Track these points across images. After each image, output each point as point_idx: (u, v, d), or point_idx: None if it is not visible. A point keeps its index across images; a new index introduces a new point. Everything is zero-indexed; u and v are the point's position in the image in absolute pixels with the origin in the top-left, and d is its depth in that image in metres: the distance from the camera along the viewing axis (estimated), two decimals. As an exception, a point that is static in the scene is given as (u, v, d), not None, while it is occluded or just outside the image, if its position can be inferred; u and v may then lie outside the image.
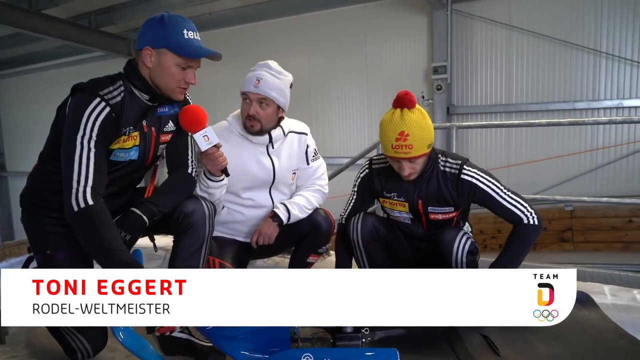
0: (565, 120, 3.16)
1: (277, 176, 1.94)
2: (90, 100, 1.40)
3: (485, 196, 1.78)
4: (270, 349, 1.33)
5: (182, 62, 1.48)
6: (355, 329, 1.39)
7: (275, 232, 1.89)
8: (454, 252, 1.79)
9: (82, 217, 1.36)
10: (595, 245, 5.50)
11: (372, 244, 1.92)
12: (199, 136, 1.60)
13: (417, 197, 1.86)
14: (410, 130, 1.69)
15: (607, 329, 1.56)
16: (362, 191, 1.99)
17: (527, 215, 1.77)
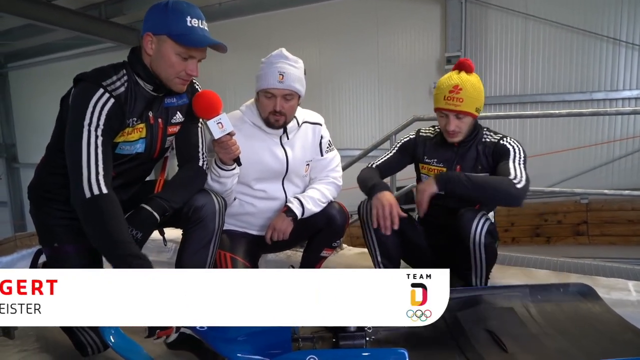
0: (587, 110, 3.07)
1: (290, 167, 1.90)
2: (94, 90, 1.35)
3: (505, 156, 1.83)
4: (270, 351, 1.28)
5: (182, 51, 1.39)
6: (358, 328, 1.35)
7: (290, 227, 1.85)
8: (472, 232, 1.77)
9: (93, 204, 1.31)
10: (612, 238, 5.40)
11: None
12: (213, 123, 1.54)
13: (456, 162, 1.92)
14: (464, 86, 1.82)
15: (612, 321, 1.52)
16: (403, 150, 2.05)
17: (516, 177, 1.75)
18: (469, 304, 1.67)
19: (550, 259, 2.35)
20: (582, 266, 2.22)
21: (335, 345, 1.37)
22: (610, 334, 1.46)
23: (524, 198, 1.76)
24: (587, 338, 1.45)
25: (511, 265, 2.28)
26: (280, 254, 2.53)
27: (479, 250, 1.79)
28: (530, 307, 1.65)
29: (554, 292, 1.71)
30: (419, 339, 1.52)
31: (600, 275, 2.07)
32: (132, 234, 1.39)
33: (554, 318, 1.58)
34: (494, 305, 1.67)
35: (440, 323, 1.59)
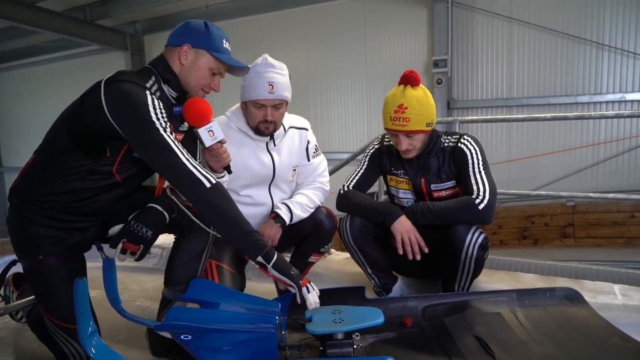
0: (572, 114, 3.09)
1: (277, 173, 1.88)
2: (144, 91, 1.34)
3: (464, 164, 1.82)
4: (256, 360, 1.26)
5: (215, 67, 1.51)
6: (345, 335, 1.33)
7: (279, 234, 1.83)
8: (466, 245, 1.75)
9: (216, 191, 1.34)
10: (598, 240, 5.46)
11: (364, 242, 1.90)
12: (204, 131, 1.54)
13: (420, 175, 1.89)
14: (409, 104, 1.75)
15: (599, 326, 1.53)
16: (372, 162, 2.01)
17: (479, 196, 1.74)
18: (456, 309, 1.67)
19: (537, 263, 2.36)
20: (568, 269, 2.23)
21: (322, 353, 1.36)
22: (596, 338, 1.47)
23: (491, 213, 1.74)
24: (573, 343, 1.45)
25: (498, 269, 2.27)
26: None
27: (469, 263, 1.78)
28: (517, 312, 1.65)
29: (540, 297, 1.71)
30: (406, 346, 1.52)
31: (587, 279, 2.07)
32: (142, 231, 1.36)
33: (541, 323, 1.58)
34: (481, 311, 1.66)
35: (428, 329, 1.60)
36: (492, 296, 1.73)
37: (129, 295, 2.40)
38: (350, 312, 1.43)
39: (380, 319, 1.37)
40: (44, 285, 1.46)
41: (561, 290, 1.72)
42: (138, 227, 1.35)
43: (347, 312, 1.43)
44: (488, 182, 1.76)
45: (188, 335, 1.31)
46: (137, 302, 2.30)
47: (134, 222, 1.36)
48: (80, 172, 1.39)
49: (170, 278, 1.58)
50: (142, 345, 1.67)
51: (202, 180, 1.32)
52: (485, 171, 1.79)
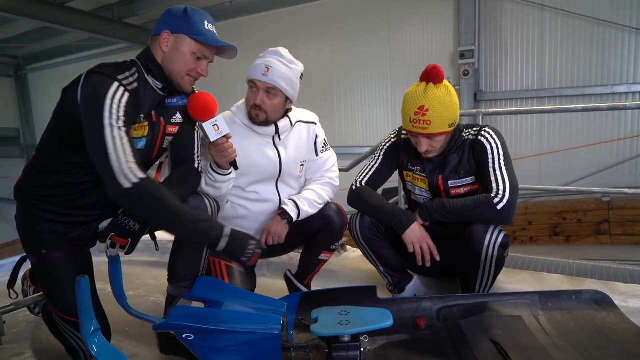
0: (605, 105, 2.90)
1: (284, 168, 1.83)
2: (110, 83, 1.32)
3: (483, 158, 1.71)
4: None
5: (198, 50, 1.45)
6: (353, 338, 1.27)
7: (285, 231, 1.78)
8: (485, 245, 1.66)
9: (136, 192, 1.27)
10: (635, 238, 5.19)
11: (374, 240, 1.83)
12: (209, 125, 1.52)
13: (437, 173, 1.79)
14: (431, 105, 1.62)
15: (630, 332, 1.41)
16: (387, 157, 1.91)
17: (498, 194, 1.64)
18: (473, 311, 1.58)
19: (565, 262, 2.22)
20: (598, 270, 2.09)
21: (328, 356, 1.31)
22: (626, 346, 1.35)
23: (511, 213, 1.64)
24: (600, 350, 1.35)
25: (522, 269, 2.15)
26: (284, 256, 2.48)
27: (489, 263, 1.68)
28: (539, 315, 1.55)
29: (565, 300, 1.60)
30: (418, 349, 1.45)
31: (619, 280, 1.94)
32: (130, 225, 1.36)
33: (565, 328, 1.48)
34: (500, 314, 1.57)
35: (442, 332, 1.52)
36: (512, 298, 1.62)
37: (145, 290, 2.41)
38: (357, 314, 1.37)
39: (389, 322, 1.30)
40: (49, 280, 1.49)
41: (588, 293, 1.60)
42: (126, 220, 1.36)
43: (355, 314, 1.37)
44: (509, 179, 1.65)
45: (191, 335, 1.28)
46: (152, 297, 2.31)
47: (122, 216, 1.37)
48: (74, 167, 1.41)
49: (174, 274, 1.56)
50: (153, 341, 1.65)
51: (121, 181, 1.25)
52: (507, 167, 1.68)
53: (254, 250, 1.38)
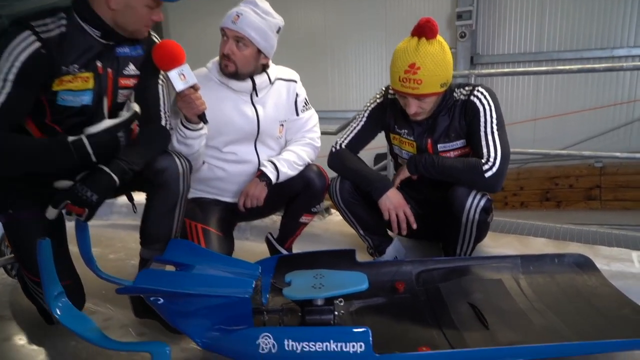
0: (601, 65, 2.80)
1: (262, 127, 1.75)
2: (17, 33, 1.22)
3: (475, 121, 1.62)
4: (230, 326, 1.18)
5: (152, 2, 1.34)
6: (326, 301, 1.24)
7: (264, 193, 1.72)
8: (466, 208, 1.61)
9: None
10: (625, 203, 5.20)
11: (354, 204, 1.77)
12: (175, 74, 1.43)
13: (426, 136, 1.70)
14: (423, 63, 1.51)
15: (609, 296, 1.39)
16: (372, 118, 1.81)
17: (488, 161, 1.57)
18: (453, 275, 1.56)
19: (551, 226, 2.19)
20: (584, 234, 2.06)
21: (302, 319, 1.28)
22: (605, 309, 1.33)
23: (499, 182, 1.58)
24: (579, 314, 1.33)
25: (508, 232, 2.12)
26: (266, 219, 2.44)
27: (470, 227, 1.64)
28: (520, 279, 1.53)
29: (547, 263, 1.57)
30: (394, 312, 1.43)
31: (604, 244, 1.91)
32: (87, 195, 1.29)
33: (545, 291, 1.46)
34: (480, 277, 1.54)
35: (421, 295, 1.50)
36: (494, 262, 1.60)
37: (125, 253, 2.38)
38: (332, 277, 1.33)
39: (364, 285, 1.27)
40: (17, 240, 1.46)
41: (571, 257, 1.58)
42: (83, 190, 1.28)
43: (329, 277, 1.33)
44: (501, 146, 1.58)
45: (160, 298, 1.25)
46: (133, 260, 2.27)
47: (80, 185, 1.29)
48: (33, 127, 1.35)
49: (145, 237, 1.51)
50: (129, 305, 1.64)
51: None
52: (499, 132, 1.60)
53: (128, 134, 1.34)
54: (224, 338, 1.18)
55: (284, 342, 1.11)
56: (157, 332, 1.52)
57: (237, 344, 1.17)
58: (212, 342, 1.20)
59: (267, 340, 1.13)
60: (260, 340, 1.13)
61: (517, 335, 1.22)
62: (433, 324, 1.33)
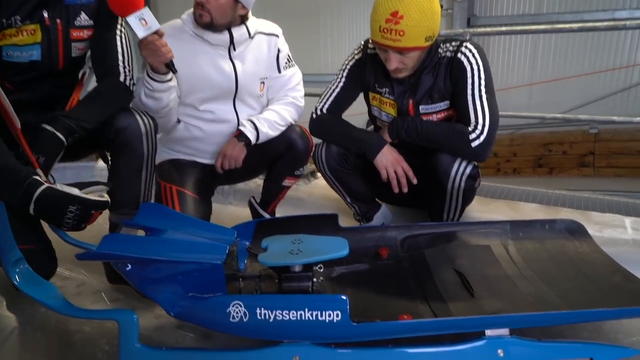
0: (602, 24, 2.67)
1: (240, 84, 1.64)
2: None
3: (461, 81, 1.51)
4: (201, 293, 1.12)
5: None
6: (305, 268, 1.17)
7: (242, 154, 1.63)
8: (452, 176, 1.53)
9: None
10: (618, 170, 5.15)
11: (341, 171, 1.68)
12: (134, 20, 1.31)
13: (408, 96, 1.59)
14: (406, 11, 1.39)
15: (600, 263, 1.34)
16: (351, 78, 1.68)
17: (475, 129, 1.49)
18: (439, 241, 1.49)
19: (542, 192, 2.13)
20: (576, 199, 2.00)
21: (279, 287, 1.21)
22: (595, 276, 1.28)
23: (487, 152, 1.50)
24: (568, 281, 1.28)
25: (498, 198, 2.06)
26: (250, 182, 2.36)
27: (456, 195, 1.58)
28: (509, 245, 1.47)
29: (538, 229, 1.51)
30: (377, 279, 1.37)
31: (596, 210, 1.85)
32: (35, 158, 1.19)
33: (534, 258, 1.40)
34: (468, 243, 1.48)
35: (405, 261, 1.44)
36: (482, 227, 1.53)
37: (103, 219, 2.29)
38: (311, 243, 1.26)
39: (344, 251, 1.20)
40: None
41: (563, 223, 1.51)
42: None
43: (308, 243, 1.26)
44: (489, 112, 1.49)
45: (128, 264, 1.17)
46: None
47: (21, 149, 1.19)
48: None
49: (112, 201, 1.42)
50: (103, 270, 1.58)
51: None
52: (488, 95, 1.50)
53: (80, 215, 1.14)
54: (195, 306, 1.12)
55: (256, 310, 1.05)
56: (131, 298, 1.46)
57: (208, 313, 1.11)
58: (184, 311, 1.14)
59: (238, 308, 1.06)
60: (231, 309, 1.06)
61: (503, 304, 1.16)
62: (416, 292, 1.28)
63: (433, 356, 1.08)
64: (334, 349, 1.08)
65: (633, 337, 1.21)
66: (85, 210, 1.14)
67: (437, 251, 1.44)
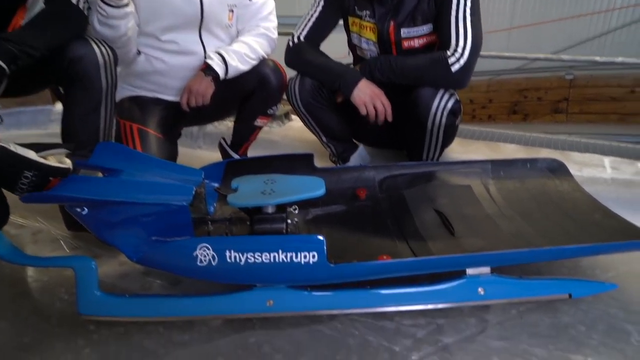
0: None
1: (206, 11, 1.48)
2: None
3: (447, 3, 1.42)
4: (165, 237, 1.03)
5: None
6: (278, 209, 1.10)
7: (210, 90, 1.50)
8: (432, 111, 1.46)
9: None
10: (590, 116, 5.21)
11: (316, 106, 1.59)
12: None
13: (389, 18, 1.49)
14: None
15: (581, 201, 1.32)
16: (330, 2, 1.57)
17: (455, 52, 1.41)
18: (419, 181, 1.44)
19: (521, 134, 2.09)
20: (554, 142, 1.97)
21: (251, 229, 1.14)
22: (576, 214, 1.26)
23: (467, 76, 1.42)
24: (549, 219, 1.25)
25: (477, 139, 2.01)
26: (220, 124, 2.23)
27: (437, 132, 1.51)
28: (490, 184, 1.43)
29: (519, 168, 1.47)
30: (354, 220, 1.32)
31: (575, 151, 1.82)
32: None
33: (515, 197, 1.37)
34: (448, 183, 1.43)
35: (383, 202, 1.38)
36: (462, 167, 1.48)
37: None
38: (285, 183, 1.18)
39: (320, 191, 1.12)
40: None
41: (544, 162, 1.47)
42: None
43: (281, 183, 1.17)
44: (472, 34, 1.40)
45: (84, 208, 1.07)
46: (71, 170, 2.06)
47: None
48: None
49: (67, 141, 1.29)
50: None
51: None
52: (473, 17, 1.41)
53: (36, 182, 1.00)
54: (159, 251, 1.04)
55: (225, 253, 0.98)
56: (93, 246, 1.38)
57: (173, 257, 1.03)
58: (147, 256, 1.05)
59: (205, 251, 0.98)
60: (198, 252, 0.99)
61: (484, 242, 1.13)
62: (396, 232, 1.23)
63: (412, 296, 1.05)
64: (310, 292, 1.04)
65: (609, 272, 1.20)
66: (42, 177, 1.01)
67: (416, 191, 1.39)
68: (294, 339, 1.01)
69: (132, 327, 1.07)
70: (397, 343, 0.98)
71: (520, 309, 1.07)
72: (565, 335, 0.99)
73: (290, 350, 0.98)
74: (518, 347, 0.96)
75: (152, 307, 1.07)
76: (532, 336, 0.99)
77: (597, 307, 1.08)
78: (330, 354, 0.97)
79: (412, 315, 1.05)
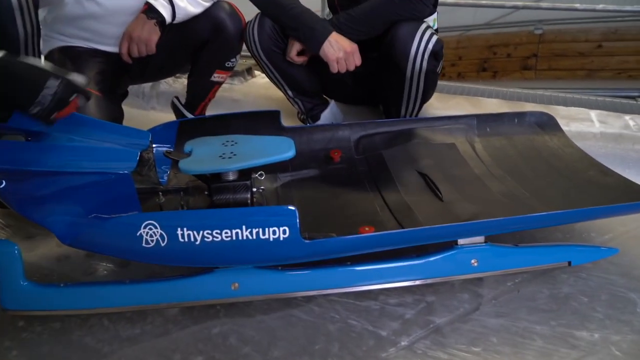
0: None
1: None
2: None
3: None
4: (107, 214, 0.85)
5: None
6: (242, 175, 0.94)
7: (155, 36, 1.30)
8: (412, 54, 1.33)
9: None
10: (558, 73, 5.21)
11: (279, 55, 1.42)
12: None
13: None
14: None
15: (573, 157, 1.23)
16: None
17: None
18: (399, 140, 1.30)
19: (503, 89, 1.98)
20: (538, 96, 1.87)
21: (210, 201, 0.97)
22: (569, 172, 1.16)
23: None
24: (541, 178, 1.15)
25: (455, 94, 1.88)
26: (176, 84, 2.00)
27: (417, 79, 1.38)
28: (475, 142, 1.32)
29: (506, 123, 1.35)
30: (329, 185, 1.18)
31: (561, 105, 1.73)
32: None
33: (504, 155, 1.26)
34: (430, 141, 1.30)
35: (361, 164, 1.24)
36: (446, 123, 1.35)
37: None
38: (247, 144, 1.01)
39: (289, 152, 0.96)
40: None
41: (533, 115, 1.36)
42: None
43: (244, 144, 1.00)
44: None
45: (1, 180, 0.87)
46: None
47: None
48: None
49: None
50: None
51: None
52: None
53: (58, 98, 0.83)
54: (95, 231, 0.85)
55: (177, 231, 0.81)
56: (28, 224, 1.17)
57: (114, 238, 0.85)
58: (83, 237, 0.87)
59: (152, 230, 0.81)
60: (143, 231, 0.81)
61: (476, 207, 1.01)
62: (377, 199, 1.10)
63: (398, 271, 0.93)
64: (281, 272, 0.90)
65: (605, 235, 1.12)
66: (67, 91, 0.84)
67: (396, 151, 1.26)
68: (265, 326, 0.88)
69: (71, 322, 0.91)
70: (384, 326, 0.86)
71: (516, 281, 0.97)
72: (567, 309, 0.90)
73: (261, 341, 0.85)
74: (517, 325, 0.86)
75: (94, 296, 0.91)
76: (531, 311, 0.89)
77: (596, 274, 0.99)
78: (308, 343, 0.84)
79: (398, 293, 0.94)
